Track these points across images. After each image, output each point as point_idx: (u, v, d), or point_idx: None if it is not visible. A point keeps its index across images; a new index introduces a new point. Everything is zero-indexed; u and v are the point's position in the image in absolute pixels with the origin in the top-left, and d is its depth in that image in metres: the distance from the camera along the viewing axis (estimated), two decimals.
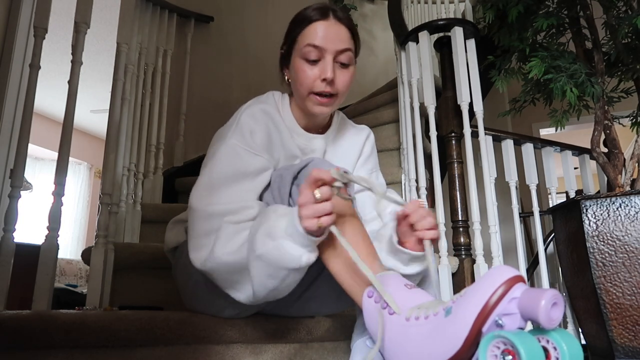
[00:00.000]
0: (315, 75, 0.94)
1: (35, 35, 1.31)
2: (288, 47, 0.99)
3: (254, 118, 0.94)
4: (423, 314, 0.61)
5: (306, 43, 0.93)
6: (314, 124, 1.05)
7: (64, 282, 3.98)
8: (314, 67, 0.94)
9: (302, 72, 0.94)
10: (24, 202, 1.18)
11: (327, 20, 0.94)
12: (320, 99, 0.95)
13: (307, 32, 0.94)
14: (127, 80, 1.78)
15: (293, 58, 0.97)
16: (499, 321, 0.54)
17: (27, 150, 1.26)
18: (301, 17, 0.96)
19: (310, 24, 0.94)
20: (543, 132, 4.47)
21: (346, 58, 0.95)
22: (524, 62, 1.87)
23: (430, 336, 0.59)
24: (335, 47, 0.93)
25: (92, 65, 4.34)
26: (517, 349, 0.50)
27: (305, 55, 0.93)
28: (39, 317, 0.84)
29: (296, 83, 0.97)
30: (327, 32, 0.93)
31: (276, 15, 3.07)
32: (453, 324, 0.56)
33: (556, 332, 0.54)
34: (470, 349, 0.56)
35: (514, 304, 0.54)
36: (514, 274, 0.55)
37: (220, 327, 0.96)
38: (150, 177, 2.15)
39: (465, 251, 1.62)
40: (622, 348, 1.42)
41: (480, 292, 0.55)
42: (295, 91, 0.99)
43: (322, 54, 0.93)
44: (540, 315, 0.51)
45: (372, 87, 3.21)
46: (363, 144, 1.13)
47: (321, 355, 1.07)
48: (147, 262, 1.46)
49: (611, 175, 1.68)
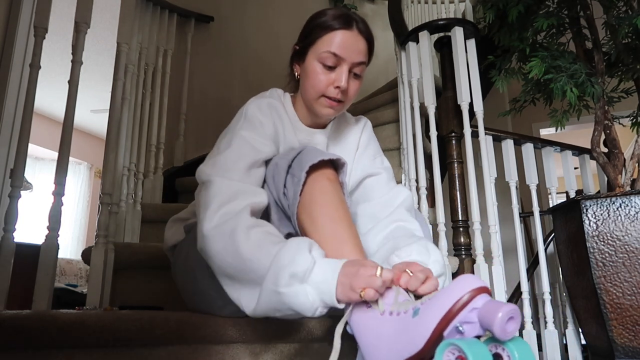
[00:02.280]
0: (330, 80, 0.96)
1: (35, 35, 1.31)
2: (305, 46, 1.00)
3: (261, 110, 0.96)
4: (396, 310, 0.65)
5: (326, 49, 0.95)
6: (316, 121, 1.08)
7: (64, 282, 3.98)
8: (330, 73, 0.96)
9: (316, 75, 0.96)
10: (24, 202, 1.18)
11: (351, 30, 0.96)
12: (330, 102, 0.98)
13: (329, 38, 0.95)
14: (127, 80, 1.78)
15: (309, 58, 0.98)
16: (459, 327, 0.58)
17: (27, 150, 1.26)
18: (324, 21, 0.97)
19: (333, 31, 0.95)
20: (543, 132, 4.47)
21: (360, 70, 0.98)
22: (524, 62, 1.87)
23: (398, 333, 0.63)
24: (352, 59, 0.96)
25: (92, 65, 4.34)
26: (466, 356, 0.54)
27: (324, 60, 0.95)
28: (39, 317, 0.84)
29: (308, 83, 0.99)
30: (348, 43, 0.95)
31: (277, 15, 3.07)
32: (418, 325, 0.60)
33: (511, 342, 0.58)
34: (431, 350, 0.59)
35: (475, 314, 0.57)
36: (479, 285, 0.59)
37: (220, 327, 0.96)
38: (151, 177, 2.15)
39: (465, 251, 1.62)
40: (622, 348, 1.42)
41: (445, 299, 0.59)
42: (305, 90, 1.01)
43: (339, 62, 0.95)
44: (495, 327, 0.55)
45: (372, 87, 3.21)
46: (360, 134, 1.14)
47: (321, 355, 1.07)
48: (147, 262, 1.46)
49: (611, 175, 1.68)
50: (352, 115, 1.23)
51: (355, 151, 1.12)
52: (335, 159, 0.87)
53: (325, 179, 0.85)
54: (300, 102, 1.06)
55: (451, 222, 1.68)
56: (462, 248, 1.62)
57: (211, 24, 2.82)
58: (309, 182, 0.84)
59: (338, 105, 0.99)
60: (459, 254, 1.62)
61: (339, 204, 0.84)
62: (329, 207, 0.82)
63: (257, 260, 0.74)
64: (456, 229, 1.66)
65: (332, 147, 1.10)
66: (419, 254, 0.84)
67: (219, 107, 2.71)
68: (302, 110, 1.06)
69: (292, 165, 0.88)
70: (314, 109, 1.00)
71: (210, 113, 2.68)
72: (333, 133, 1.11)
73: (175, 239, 1.11)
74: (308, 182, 0.84)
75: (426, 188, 1.68)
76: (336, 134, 1.12)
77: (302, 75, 1.01)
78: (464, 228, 1.65)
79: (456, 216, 1.67)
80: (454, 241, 1.65)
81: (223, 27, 2.87)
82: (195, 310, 1.05)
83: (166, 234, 1.14)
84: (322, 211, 0.83)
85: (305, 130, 1.06)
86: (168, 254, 1.16)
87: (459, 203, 1.67)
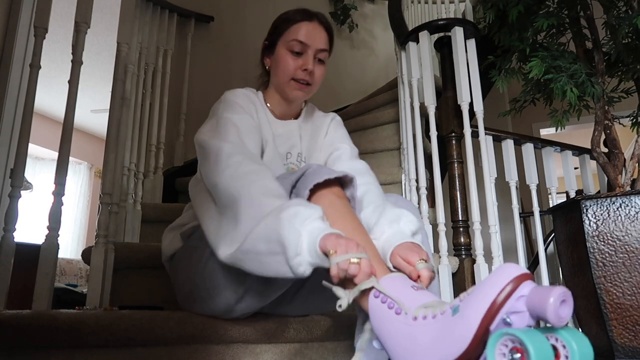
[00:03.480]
0: (298, 65, 1.08)
1: (35, 35, 1.31)
2: (273, 40, 1.13)
3: (238, 97, 1.08)
4: (430, 313, 0.60)
5: (293, 38, 1.08)
6: (287, 112, 1.17)
7: (64, 282, 3.98)
8: (297, 58, 1.08)
9: (286, 61, 1.09)
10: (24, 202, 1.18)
11: (312, 22, 1.10)
12: (299, 85, 1.09)
13: (295, 28, 1.09)
14: (128, 80, 1.78)
15: (278, 48, 1.11)
16: (507, 319, 0.53)
17: (27, 150, 1.26)
18: (289, 16, 1.11)
19: (297, 23, 1.09)
20: (543, 132, 4.47)
21: (323, 56, 1.11)
22: (524, 62, 1.87)
23: (437, 335, 0.58)
24: (316, 46, 1.09)
25: (92, 65, 4.34)
26: (525, 346, 0.49)
27: (291, 47, 1.08)
28: (39, 317, 0.84)
29: (279, 70, 1.10)
30: (311, 32, 1.09)
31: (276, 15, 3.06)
32: (460, 323, 0.56)
33: (565, 331, 0.53)
34: (478, 348, 0.55)
35: (522, 302, 0.53)
36: (522, 272, 0.54)
37: (220, 327, 0.96)
38: (151, 176, 2.15)
39: (465, 251, 1.62)
40: (623, 348, 1.42)
41: (487, 290, 0.55)
42: (276, 77, 1.12)
43: (305, 49, 1.08)
44: (549, 313, 0.50)
45: (372, 87, 3.22)
46: (329, 123, 1.24)
47: (321, 355, 1.07)
48: (147, 261, 1.46)
49: (611, 175, 1.68)
50: (352, 115, 1.25)
51: (324, 136, 1.22)
52: (342, 175, 0.85)
53: (333, 195, 0.84)
54: (272, 96, 1.16)
55: (451, 222, 1.68)
56: (462, 248, 1.62)
57: (211, 24, 2.82)
58: (316, 200, 0.83)
59: (306, 87, 1.09)
60: (459, 254, 1.62)
61: (349, 216, 0.82)
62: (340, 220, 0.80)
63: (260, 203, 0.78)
64: (456, 229, 1.66)
65: (304, 133, 1.19)
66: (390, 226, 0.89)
67: None
68: (274, 102, 1.16)
69: (296, 185, 0.86)
70: (285, 92, 1.11)
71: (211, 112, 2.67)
72: (304, 122, 1.21)
73: (172, 248, 1.10)
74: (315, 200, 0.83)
75: (426, 188, 1.68)
76: (307, 123, 1.21)
77: (272, 65, 1.13)
78: (464, 228, 1.65)
79: (456, 216, 1.67)
80: (454, 241, 1.65)
81: (223, 27, 2.87)
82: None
83: (163, 245, 1.13)
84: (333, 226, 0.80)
85: (278, 122, 1.15)
86: (166, 266, 1.14)
87: (459, 203, 1.67)
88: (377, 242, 0.87)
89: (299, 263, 0.70)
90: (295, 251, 0.70)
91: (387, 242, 0.87)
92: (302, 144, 1.16)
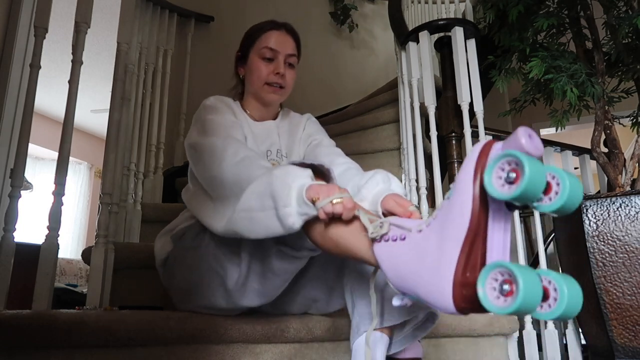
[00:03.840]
0: (270, 70, 1.16)
1: (35, 35, 1.31)
2: (245, 50, 1.21)
3: (217, 101, 1.15)
4: (432, 218, 0.62)
5: (264, 45, 1.16)
6: (265, 115, 1.23)
7: (64, 282, 3.98)
8: (269, 64, 1.16)
9: (259, 67, 1.16)
10: (24, 202, 1.18)
11: (280, 30, 1.19)
12: (273, 89, 1.17)
13: (265, 37, 1.17)
14: (128, 80, 1.78)
15: (251, 57, 1.19)
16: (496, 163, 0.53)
17: (27, 150, 1.26)
18: (259, 27, 1.20)
19: (267, 32, 1.18)
20: (543, 132, 4.47)
21: (293, 60, 1.19)
22: (524, 62, 1.87)
23: (443, 224, 0.59)
24: (286, 51, 1.17)
25: (92, 65, 4.34)
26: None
27: (263, 54, 1.16)
28: (39, 317, 0.84)
29: (253, 76, 1.18)
30: (280, 39, 1.17)
31: (276, 15, 3.06)
32: (457, 198, 0.57)
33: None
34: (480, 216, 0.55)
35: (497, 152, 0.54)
36: (486, 141, 0.57)
37: (220, 327, 0.96)
38: (151, 176, 2.15)
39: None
40: (623, 348, 1.42)
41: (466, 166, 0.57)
42: (251, 83, 1.19)
43: (275, 55, 1.16)
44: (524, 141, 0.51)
45: (372, 87, 3.21)
46: (305, 122, 1.30)
47: (321, 355, 1.07)
48: (147, 261, 1.46)
49: (611, 175, 1.68)
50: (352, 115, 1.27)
51: (302, 130, 1.28)
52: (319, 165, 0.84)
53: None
54: (250, 102, 1.22)
55: None
56: None
57: (211, 24, 2.82)
58: None
59: (280, 90, 1.17)
60: None
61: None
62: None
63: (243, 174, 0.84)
64: None
65: (282, 131, 1.24)
66: (383, 182, 0.96)
67: None
68: (252, 108, 1.22)
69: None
70: (261, 97, 1.18)
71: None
72: (281, 122, 1.27)
73: (164, 252, 1.12)
74: None
75: (426, 188, 1.68)
76: (284, 122, 1.27)
77: (247, 73, 1.21)
78: None
79: None
80: None
81: (223, 27, 2.87)
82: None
83: (155, 249, 1.15)
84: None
85: (257, 123, 1.21)
86: (159, 271, 1.15)
87: None
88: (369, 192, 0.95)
89: (288, 213, 0.73)
90: (285, 202, 0.73)
91: (380, 192, 0.94)
92: (280, 141, 1.22)
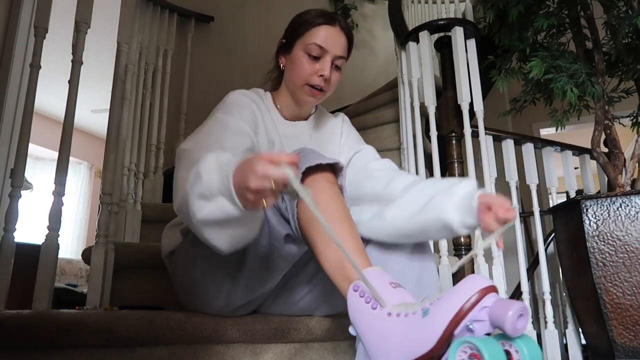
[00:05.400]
0: (314, 70, 1.04)
1: (35, 35, 1.31)
2: (292, 39, 1.07)
3: (240, 97, 1.05)
4: (403, 312, 0.65)
5: (312, 41, 1.03)
6: (297, 114, 1.14)
7: (64, 282, 3.98)
8: (315, 63, 1.04)
9: (302, 64, 1.04)
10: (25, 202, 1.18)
11: (334, 26, 1.05)
12: (313, 91, 1.06)
13: (315, 31, 1.04)
14: (128, 80, 1.78)
15: (295, 49, 1.06)
16: (470, 326, 0.59)
17: (27, 150, 1.26)
18: (311, 17, 1.06)
19: (318, 26, 1.04)
20: (543, 132, 4.47)
21: (341, 63, 1.07)
22: (525, 62, 1.87)
23: (407, 333, 0.63)
24: (335, 52, 1.05)
25: (92, 65, 4.33)
26: (481, 353, 0.55)
27: (310, 50, 1.04)
28: (39, 317, 0.84)
29: (294, 72, 1.06)
30: (332, 37, 1.04)
31: (276, 15, 3.07)
32: (429, 325, 0.61)
33: (520, 339, 0.60)
34: (442, 349, 0.60)
35: (485, 312, 0.59)
36: (487, 284, 0.60)
37: (220, 327, 0.96)
38: (151, 176, 2.15)
39: (465, 251, 1.62)
40: (623, 348, 1.42)
41: (455, 298, 0.60)
42: (291, 78, 1.08)
43: (323, 54, 1.04)
44: (507, 325, 0.56)
45: (372, 87, 3.21)
46: (341, 126, 1.22)
47: (321, 355, 1.07)
48: (147, 261, 1.46)
49: (611, 175, 1.68)
50: (352, 115, 1.25)
51: (340, 137, 1.20)
52: (334, 162, 0.86)
53: (325, 181, 0.84)
54: (282, 97, 1.12)
55: None
56: (462, 248, 1.62)
57: (211, 24, 2.82)
58: (307, 183, 0.83)
59: (319, 93, 1.06)
60: (459, 253, 1.62)
61: (339, 205, 0.83)
62: (329, 208, 0.81)
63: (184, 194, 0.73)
64: None
65: (314, 135, 1.16)
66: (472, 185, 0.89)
67: None
68: (283, 104, 1.12)
69: None
70: (297, 96, 1.08)
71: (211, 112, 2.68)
72: (315, 124, 1.18)
73: (173, 244, 1.11)
74: (307, 184, 0.83)
75: None
76: (318, 125, 1.19)
77: (287, 66, 1.09)
78: None
79: None
80: (454, 241, 1.65)
81: (223, 27, 2.87)
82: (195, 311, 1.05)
83: (163, 241, 1.14)
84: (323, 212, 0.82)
85: (287, 123, 1.12)
86: (165, 261, 1.15)
87: None
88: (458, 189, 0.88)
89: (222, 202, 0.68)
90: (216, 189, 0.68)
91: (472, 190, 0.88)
92: (312, 144, 1.13)
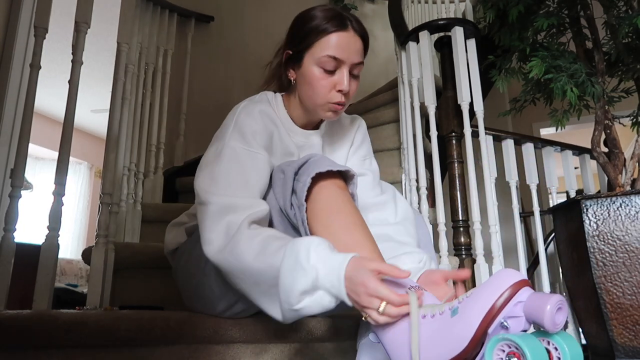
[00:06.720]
0: (332, 84, 0.94)
1: (35, 35, 1.31)
2: (300, 51, 0.96)
3: (252, 118, 0.94)
4: (430, 313, 0.62)
5: (325, 53, 0.92)
6: (309, 122, 1.07)
7: (64, 282, 3.98)
8: (331, 76, 0.94)
9: (318, 81, 0.94)
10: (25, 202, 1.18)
11: (347, 31, 0.94)
12: (334, 107, 0.96)
13: (326, 41, 0.93)
14: (128, 80, 1.78)
15: (306, 63, 0.95)
16: (504, 323, 0.55)
17: (27, 150, 1.26)
18: (318, 23, 0.94)
19: (329, 34, 0.93)
20: (543, 132, 4.47)
21: (358, 70, 0.97)
22: (525, 61, 1.87)
23: (436, 334, 0.60)
24: (352, 60, 0.94)
25: (92, 65, 4.33)
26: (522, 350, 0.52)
27: (323, 64, 0.93)
28: (39, 317, 0.84)
29: (310, 90, 0.96)
30: (346, 44, 0.93)
31: (276, 15, 3.07)
32: (459, 324, 0.57)
33: (558, 335, 0.56)
34: (475, 349, 0.57)
35: (520, 308, 0.55)
36: (520, 278, 0.56)
37: (220, 327, 0.95)
38: (151, 176, 2.15)
39: (465, 251, 1.62)
40: (623, 348, 1.42)
41: (487, 294, 0.56)
42: (307, 97, 0.98)
43: (339, 65, 0.94)
44: (545, 320, 0.52)
45: (372, 87, 3.21)
46: (354, 133, 1.14)
47: (322, 355, 1.06)
48: (148, 262, 1.46)
49: (612, 175, 1.68)
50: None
51: (348, 149, 1.13)
52: (345, 170, 0.85)
53: (335, 186, 0.83)
54: (294, 103, 1.04)
55: (451, 222, 1.68)
56: (463, 248, 1.62)
57: (211, 24, 2.81)
58: (318, 189, 0.82)
59: (341, 108, 0.97)
60: (459, 253, 1.62)
61: (352, 210, 0.82)
62: (342, 214, 0.80)
63: (265, 274, 0.74)
64: (456, 228, 1.65)
65: (326, 146, 1.10)
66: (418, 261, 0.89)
67: (219, 106, 2.71)
68: (296, 111, 1.04)
69: (299, 172, 0.85)
70: (317, 113, 0.99)
71: (211, 113, 2.68)
72: (327, 133, 1.11)
73: (176, 242, 1.10)
74: (317, 190, 0.82)
75: (426, 188, 1.68)
76: (330, 133, 1.12)
77: (299, 81, 0.98)
78: (464, 228, 1.65)
79: (456, 216, 1.66)
80: (454, 241, 1.64)
81: (223, 27, 2.87)
82: (196, 311, 1.04)
83: (166, 238, 1.13)
84: (335, 217, 0.81)
85: (301, 133, 1.05)
86: (169, 258, 1.15)
87: (459, 203, 1.67)
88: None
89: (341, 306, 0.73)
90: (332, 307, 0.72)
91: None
92: (324, 153, 1.09)
